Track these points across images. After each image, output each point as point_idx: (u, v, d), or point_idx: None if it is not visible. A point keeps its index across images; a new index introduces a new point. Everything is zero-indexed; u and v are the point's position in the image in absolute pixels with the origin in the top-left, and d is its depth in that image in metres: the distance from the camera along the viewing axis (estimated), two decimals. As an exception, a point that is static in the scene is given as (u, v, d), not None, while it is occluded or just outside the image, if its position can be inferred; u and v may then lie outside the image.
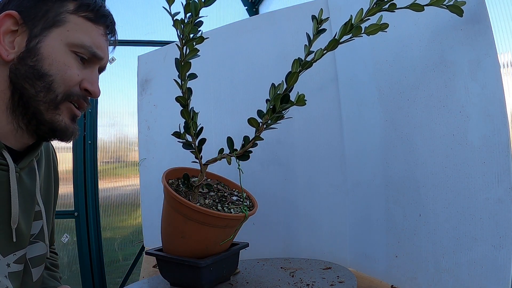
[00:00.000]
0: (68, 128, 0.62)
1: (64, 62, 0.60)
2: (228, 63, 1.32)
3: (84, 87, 0.63)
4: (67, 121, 0.62)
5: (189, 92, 0.83)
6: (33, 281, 0.66)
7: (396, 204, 0.91)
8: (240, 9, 2.67)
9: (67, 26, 0.60)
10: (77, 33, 0.61)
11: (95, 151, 2.39)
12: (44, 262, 0.70)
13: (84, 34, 0.62)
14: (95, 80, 0.65)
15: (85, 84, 0.63)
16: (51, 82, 0.58)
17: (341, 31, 0.73)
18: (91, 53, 0.62)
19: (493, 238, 0.69)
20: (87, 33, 0.62)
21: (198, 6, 0.76)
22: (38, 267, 0.68)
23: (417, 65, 0.84)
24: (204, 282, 0.80)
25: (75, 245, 2.35)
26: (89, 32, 0.62)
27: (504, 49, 1.07)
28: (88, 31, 0.62)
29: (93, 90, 0.64)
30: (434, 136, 0.81)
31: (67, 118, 0.62)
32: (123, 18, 2.58)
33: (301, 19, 1.16)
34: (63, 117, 0.61)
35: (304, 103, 0.74)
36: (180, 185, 0.89)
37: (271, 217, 1.20)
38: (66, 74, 0.60)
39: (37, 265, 0.68)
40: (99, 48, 0.64)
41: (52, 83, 0.59)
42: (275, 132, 0.83)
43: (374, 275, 0.99)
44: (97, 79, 0.66)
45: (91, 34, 0.63)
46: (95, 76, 0.65)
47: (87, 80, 0.63)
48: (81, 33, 0.61)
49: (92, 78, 0.64)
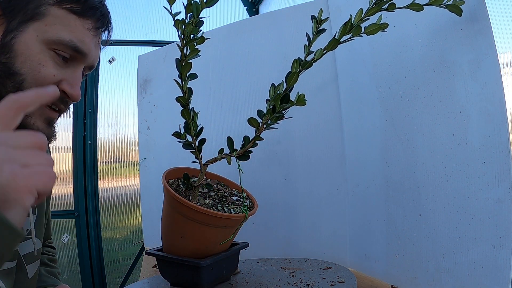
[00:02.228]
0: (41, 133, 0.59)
1: (39, 61, 0.54)
2: (228, 63, 1.32)
3: (62, 89, 0.57)
4: (40, 125, 0.57)
5: (190, 92, 0.83)
6: (29, 277, 0.65)
7: (396, 204, 0.91)
8: (240, 9, 2.67)
9: (46, 20, 0.55)
10: (55, 28, 0.55)
11: (95, 151, 2.40)
12: (39, 257, 0.68)
13: (64, 29, 0.55)
14: (76, 81, 0.59)
15: (63, 85, 0.57)
16: (21, 82, 0.54)
17: (341, 31, 0.73)
18: (72, 49, 0.56)
19: (493, 238, 0.69)
20: (67, 27, 0.56)
21: (200, 7, 0.75)
22: (33, 264, 0.66)
23: (417, 65, 0.84)
24: (204, 282, 0.80)
25: (75, 245, 2.35)
26: (71, 26, 0.56)
27: (504, 49, 1.07)
28: (70, 25, 0.56)
29: (71, 93, 0.58)
30: (434, 136, 0.81)
31: (41, 122, 0.57)
32: (123, 18, 2.58)
33: (301, 19, 1.16)
34: (35, 121, 0.56)
35: (304, 103, 0.74)
36: (180, 185, 0.89)
37: (271, 217, 1.20)
38: (39, 74, 0.54)
39: (32, 261, 0.66)
40: (82, 42, 0.57)
41: (22, 82, 0.54)
42: (275, 132, 0.83)
43: (374, 275, 0.99)
44: (79, 80, 0.60)
45: (73, 28, 0.56)
46: (77, 77, 0.59)
47: (66, 82, 0.58)
48: (61, 28, 0.55)
49: (73, 79, 0.58)
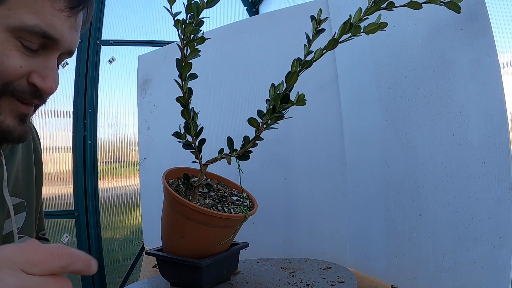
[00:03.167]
0: (12, 131, 0.52)
1: (2, 51, 0.48)
2: (228, 63, 1.32)
3: (32, 82, 0.51)
4: (10, 122, 0.51)
5: (190, 92, 0.82)
6: None
7: (396, 204, 0.91)
8: (240, 9, 2.67)
9: (9, 4, 0.47)
10: (19, 12, 0.47)
11: (95, 151, 2.40)
12: None
13: (28, 12, 0.48)
14: (47, 72, 0.52)
15: (33, 78, 0.51)
16: None
17: (340, 30, 0.73)
18: (39, 35, 0.49)
19: (493, 238, 0.69)
20: (33, 10, 0.48)
21: (200, 7, 0.75)
22: None
23: (417, 65, 0.84)
24: (204, 282, 0.80)
25: (75, 245, 2.35)
26: (37, 8, 0.48)
27: (504, 49, 1.07)
28: (37, 8, 0.48)
29: (42, 86, 0.51)
30: (434, 136, 0.81)
31: (11, 118, 0.52)
32: (123, 18, 2.59)
33: (301, 19, 1.16)
34: (5, 117, 0.51)
35: (304, 103, 0.74)
36: (180, 185, 0.89)
37: (271, 217, 1.20)
38: (3, 66, 0.48)
39: None
40: (51, 26, 0.49)
41: None
42: (275, 132, 0.83)
43: (374, 275, 0.99)
44: (51, 70, 0.53)
45: (40, 10, 0.48)
46: (50, 67, 0.52)
47: (37, 73, 0.51)
48: (25, 11, 0.48)
49: (44, 70, 0.52)
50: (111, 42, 2.46)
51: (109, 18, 2.48)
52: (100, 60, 2.45)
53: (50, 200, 2.38)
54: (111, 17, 2.49)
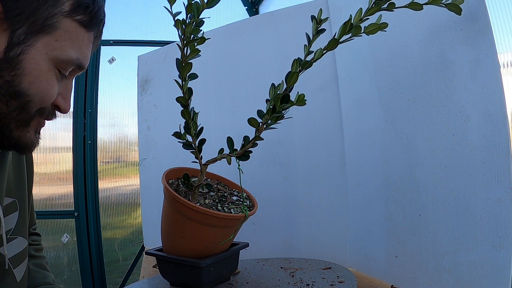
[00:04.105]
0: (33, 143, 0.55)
1: (47, 81, 0.50)
2: (228, 63, 1.32)
3: (56, 104, 0.54)
4: (32, 136, 0.55)
5: (190, 92, 0.82)
6: (17, 281, 0.62)
7: (396, 204, 0.91)
8: (240, 9, 2.67)
9: (56, 34, 0.49)
10: (65, 45, 0.50)
11: (95, 151, 2.40)
12: (26, 257, 0.66)
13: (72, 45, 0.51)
14: (69, 94, 0.56)
15: (58, 100, 0.54)
16: (28, 102, 0.50)
17: (340, 30, 0.73)
18: (76, 65, 0.53)
19: (493, 238, 0.69)
20: (77, 44, 0.51)
21: (201, 7, 0.75)
22: (20, 265, 0.64)
23: (417, 65, 0.84)
24: (204, 282, 0.80)
25: (75, 245, 2.35)
26: (79, 42, 0.51)
27: (504, 49, 1.07)
28: (79, 41, 0.51)
29: (65, 107, 0.55)
30: (434, 136, 0.81)
31: (33, 132, 0.55)
32: (123, 18, 2.59)
33: (301, 19, 1.16)
34: (31, 133, 0.54)
35: (304, 103, 0.74)
36: (180, 185, 0.89)
37: (271, 217, 1.20)
38: (48, 95, 0.51)
39: (19, 263, 0.64)
40: (86, 58, 0.54)
41: (29, 103, 0.50)
42: (275, 132, 0.83)
43: (374, 275, 0.99)
44: (71, 92, 0.57)
45: (81, 43, 0.52)
46: (70, 89, 0.56)
47: (61, 96, 0.55)
48: (69, 44, 0.50)
49: (66, 92, 0.55)
50: (111, 42, 2.46)
51: (109, 18, 2.46)
52: (100, 60, 2.45)
53: (50, 200, 2.38)
54: (111, 17, 2.49)
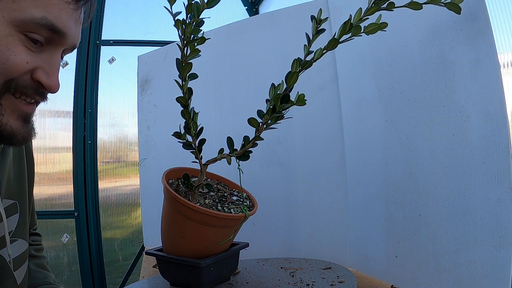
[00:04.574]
0: (16, 133, 0.49)
1: (7, 46, 0.45)
2: (228, 63, 1.32)
3: (36, 79, 0.48)
4: (14, 123, 0.48)
5: (190, 92, 0.82)
6: (18, 283, 0.62)
7: (396, 204, 0.91)
8: (240, 9, 2.67)
9: None
10: (24, 5, 0.44)
11: (95, 151, 2.40)
12: (27, 258, 0.66)
13: (34, 4, 0.45)
14: (53, 69, 0.50)
15: (38, 74, 0.48)
16: None
17: (340, 30, 0.73)
18: (47, 27, 0.46)
19: (493, 238, 0.69)
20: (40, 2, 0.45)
21: (201, 8, 0.75)
22: (21, 267, 0.63)
23: (417, 65, 0.84)
24: (204, 282, 0.80)
25: (75, 245, 2.36)
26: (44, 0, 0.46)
27: (504, 49, 1.08)
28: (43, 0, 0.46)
29: (48, 83, 0.49)
30: (434, 136, 0.81)
31: (14, 119, 0.48)
32: (123, 18, 2.59)
33: (301, 19, 1.16)
34: (8, 119, 0.48)
35: (304, 103, 0.74)
36: (180, 185, 0.89)
37: (271, 217, 1.20)
38: (9, 62, 0.45)
39: (20, 264, 0.63)
40: (58, 19, 0.47)
41: None
42: (275, 132, 0.83)
43: (374, 275, 0.99)
44: (56, 67, 0.51)
45: (47, 2, 0.46)
46: (55, 64, 0.50)
47: (42, 70, 0.49)
48: (31, 4, 0.45)
49: (50, 66, 0.49)
50: (111, 42, 2.47)
51: (109, 18, 2.48)
52: (100, 60, 2.45)
53: (50, 200, 2.38)
54: (111, 17, 2.49)
